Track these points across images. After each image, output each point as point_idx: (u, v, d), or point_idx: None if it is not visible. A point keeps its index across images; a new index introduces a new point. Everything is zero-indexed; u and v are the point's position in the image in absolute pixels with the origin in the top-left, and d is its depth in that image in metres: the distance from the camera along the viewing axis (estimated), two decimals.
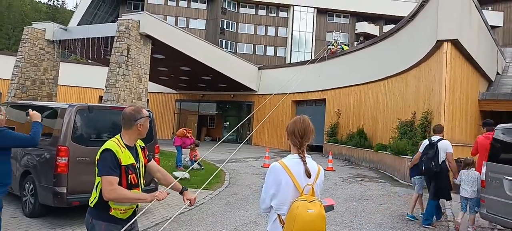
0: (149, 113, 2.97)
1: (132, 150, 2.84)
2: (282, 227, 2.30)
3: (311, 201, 2.27)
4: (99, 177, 2.68)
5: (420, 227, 6.63)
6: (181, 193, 3.02)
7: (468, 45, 11.97)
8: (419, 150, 6.95)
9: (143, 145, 3.02)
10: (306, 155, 2.44)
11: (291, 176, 2.33)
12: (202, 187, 4.18)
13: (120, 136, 2.84)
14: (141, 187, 2.89)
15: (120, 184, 2.68)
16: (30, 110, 3.97)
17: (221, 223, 6.29)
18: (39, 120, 3.87)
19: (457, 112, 11.91)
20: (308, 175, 2.35)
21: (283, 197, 2.32)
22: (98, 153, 2.74)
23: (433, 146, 6.52)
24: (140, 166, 2.89)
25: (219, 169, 5.08)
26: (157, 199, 2.76)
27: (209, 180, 4.61)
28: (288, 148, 2.61)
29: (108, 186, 2.62)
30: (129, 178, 2.75)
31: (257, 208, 7.38)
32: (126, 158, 2.74)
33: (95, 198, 2.74)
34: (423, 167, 6.61)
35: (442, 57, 11.43)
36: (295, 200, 2.27)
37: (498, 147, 6.05)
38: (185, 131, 12.55)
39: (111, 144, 2.75)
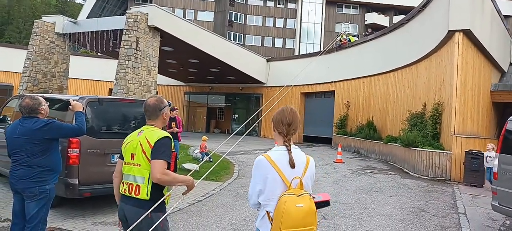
0: (169, 103, 3.04)
1: None
2: (271, 223, 2.17)
3: (299, 195, 2.14)
4: (156, 160, 2.67)
5: (430, 219, 6.59)
6: None
7: (480, 35, 11.76)
8: None
9: None
10: (293, 145, 2.32)
11: (277, 170, 2.20)
12: (204, 176, 4.20)
13: (152, 126, 2.88)
14: None
15: (168, 168, 2.75)
16: (71, 100, 4.03)
17: (230, 214, 6.32)
18: (81, 110, 3.96)
19: (468, 103, 11.76)
20: (292, 165, 2.22)
21: (270, 193, 2.20)
22: (155, 140, 2.71)
23: None
24: None
25: (221, 158, 5.10)
26: (190, 185, 2.86)
27: (212, 168, 4.65)
28: (296, 140, 2.49)
29: (164, 169, 2.66)
30: (175, 163, 2.89)
31: None
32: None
33: (148, 190, 2.71)
34: None
35: (453, 48, 11.26)
36: (283, 194, 2.15)
37: (511, 139, 5.96)
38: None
39: (165, 133, 2.80)
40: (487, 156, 9.60)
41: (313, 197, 2.28)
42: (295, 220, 2.08)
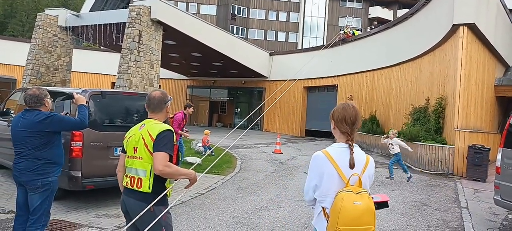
0: (170, 98, 3.05)
1: None
2: (327, 221, 2.10)
3: (358, 193, 2.07)
4: (158, 152, 2.66)
5: (432, 213, 6.59)
6: None
7: (485, 29, 11.67)
8: None
9: None
10: (354, 145, 2.25)
11: (335, 166, 2.14)
12: (206, 170, 4.21)
13: (154, 119, 2.87)
14: None
15: (170, 161, 2.74)
16: (74, 93, 4.04)
17: (232, 207, 6.34)
18: (84, 103, 3.96)
19: (472, 98, 11.70)
20: (351, 166, 2.15)
21: (326, 189, 2.15)
22: (157, 132, 2.71)
23: None
24: None
25: (225, 152, 5.09)
26: (192, 179, 2.85)
27: (215, 162, 4.65)
28: (299, 134, 2.46)
29: (167, 161, 2.66)
30: (177, 156, 2.90)
31: (268, 194, 7.42)
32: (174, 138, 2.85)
33: (149, 183, 2.71)
34: None
35: (458, 42, 11.19)
36: (340, 191, 2.08)
37: None
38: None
39: (167, 126, 2.80)
40: (389, 144, 9.73)
41: (371, 197, 2.22)
42: (352, 218, 2.02)
